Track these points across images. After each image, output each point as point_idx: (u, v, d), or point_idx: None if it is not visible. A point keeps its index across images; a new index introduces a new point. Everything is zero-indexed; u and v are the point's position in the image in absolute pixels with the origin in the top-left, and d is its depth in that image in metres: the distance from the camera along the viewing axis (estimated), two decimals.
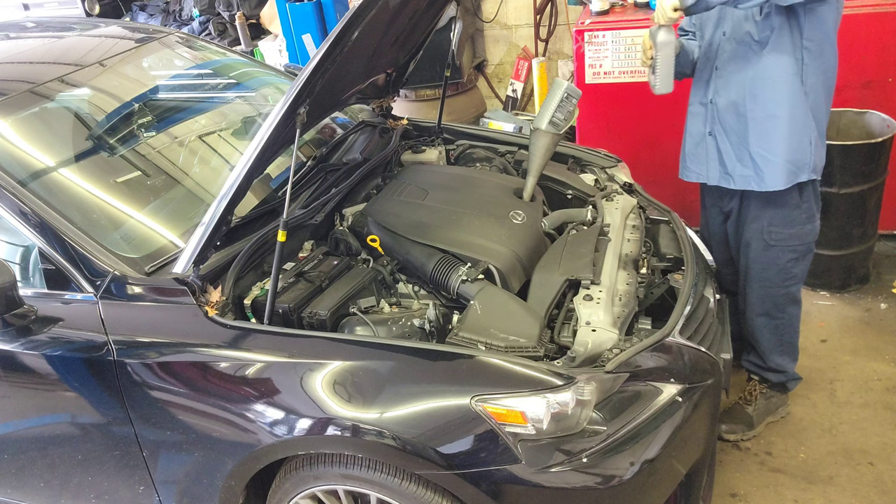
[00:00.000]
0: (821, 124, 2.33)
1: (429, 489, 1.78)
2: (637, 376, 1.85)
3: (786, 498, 2.47)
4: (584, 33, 3.57)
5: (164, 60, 2.85)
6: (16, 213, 1.98)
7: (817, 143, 2.33)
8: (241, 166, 1.80)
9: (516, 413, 1.69)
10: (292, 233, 2.20)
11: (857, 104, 3.32)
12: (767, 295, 2.54)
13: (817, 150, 2.33)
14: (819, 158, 2.35)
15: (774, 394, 2.72)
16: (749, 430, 2.69)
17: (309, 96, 1.91)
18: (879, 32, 3.23)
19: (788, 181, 2.33)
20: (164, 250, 2.04)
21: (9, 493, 2.30)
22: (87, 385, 1.98)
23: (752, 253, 2.51)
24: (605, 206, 2.50)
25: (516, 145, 2.98)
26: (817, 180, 2.40)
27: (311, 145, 2.73)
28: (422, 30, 2.76)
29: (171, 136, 2.51)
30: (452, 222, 2.32)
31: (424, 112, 4.90)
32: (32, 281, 2.04)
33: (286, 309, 1.96)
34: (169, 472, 2.01)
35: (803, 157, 2.31)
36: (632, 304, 2.08)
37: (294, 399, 1.78)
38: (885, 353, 3.02)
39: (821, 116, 2.32)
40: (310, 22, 5.10)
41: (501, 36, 5.31)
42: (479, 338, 1.87)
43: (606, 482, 1.75)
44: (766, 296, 2.54)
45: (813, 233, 2.48)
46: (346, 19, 1.82)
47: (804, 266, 2.53)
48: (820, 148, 2.35)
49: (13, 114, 2.23)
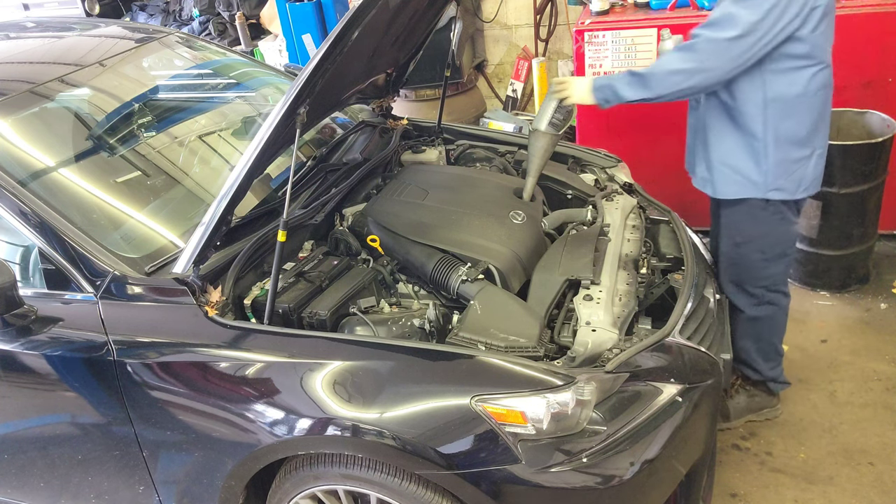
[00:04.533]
0: (791, 147, 2.26)
1: (429, 489, 1.78)
2: (637, 376, 1.85)
3: (786, 498, 2.46)
4: (584, 33, 3.57)
5: (164, 60, 2.85)
6: (16, 213, 1.98)
7: (778, 164, 2.28)
8: (241, 166, 1.80)
9: (516, 413, 1.69)
10: (292, 233, 2.20)
11: (857, 104, 3.32)
12: (741, 292, 2.54)
13: (777, 170, 2.28)
14: (782, 180, 2.29)
15: (758, 393, 2.72)
16: (725, 420, 2.69)
17: (309, 96, 1.91)
18: (879, 32, 3.23)
19: (737, 193, 2.36)
20: (164, 250, 2.04)
21: (9, 493, 2.30)
22: (87, 385, 1.98)
23: (723, 248, 2.52)
24: (605, 206, 2.50)
25: (516, 145, 2.98)
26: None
27: (311, 145, 2.73)
28: (422, 30, 2.76)
29: (171, 136, 2.51)
30: (452, 222, 2.32)
31: (424, 112, 4.90)
32: (32, 281, 2.04)
33: (286, 309, 1.96)
34: (169, 472, 2.01)
35: (753, 175, 2.31)
36: (632, 304, 2.08)
37: (294, 399, 1.78)
38: (885, 353, 3.02)
39: (794, 139, 2.26)
40: (310, 22, 5.10)
41: (501, 36, 5.31)
42: (479, 338, 1.87)
43: (606, 482, 1.75)
44: (740, 293, 2.54)
45: (787, 237, 2.43)
46: (346, 19, 1.82)
47: (779, 269, 2.48)
48: (782, 169, 2.28)
49: (13, 114, 2.23)
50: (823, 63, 2.21)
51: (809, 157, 2.30)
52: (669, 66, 2.18)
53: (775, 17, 2.07)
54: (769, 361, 2.65)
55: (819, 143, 2.32)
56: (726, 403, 2.70)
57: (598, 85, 2.30)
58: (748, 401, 2.72)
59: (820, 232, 3.27)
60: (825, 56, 2.21)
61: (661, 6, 3.58)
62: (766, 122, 2.24)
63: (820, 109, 2.27)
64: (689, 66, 2.15)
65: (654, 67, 2.21)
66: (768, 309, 2.54)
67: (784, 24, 2.09)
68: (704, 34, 2.14)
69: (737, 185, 2.36)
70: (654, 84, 2.20)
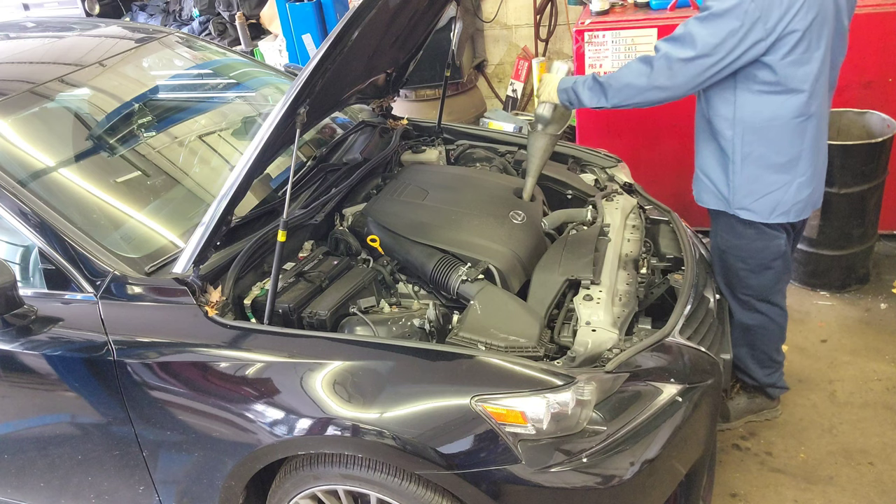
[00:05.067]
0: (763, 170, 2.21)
1: (429, 489, 1.78)
2: (637, 376, 1.85)
3: (786, 498, 2.47)
4: (584, 33, 3.57)
5: (164, 60, 2.85)
6: (16, 213, 1.98)
7: (746, 184, 2.24)
8: (241, 166, 1.80)
9: (516, 413, 1.69)
10: (292, 233, 2.20)
11: (857, 104, 3.32)
12: (732, 298, 2.52)
13: (744, 190, 2.24)
14: (749, 200, 2.25)
15: (758, 395, 2.72)
16: (724, 421, 2.69)
17: (309, 96, 1.91)
18: (879, 32, 3.23)
19: (711, 204, 2.37)
20: (164, 250, 2.04)
21: (9, 493, 2.30)
22: (87, 385, 1.98)
23: (713, 253, 2.53)
24: (605, 206, 2.50)
25: (516, 145, 2.98)
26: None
27: (311, 145, 2.73)
28: (422, 30, 2.76)
29: (171, 136, 2.51)
30: (452, 222, 2.32)
31: (424, 112, 4.90)
32: (32, 281, 2.04)
33: (286, 309, 1.96)
34: (169, 472, 2.01)
35: (723, 189, 2.31)
36: (632, 304, 2.08)
37: (294, 399, 1.78)
38: (885, 353, 3.02)
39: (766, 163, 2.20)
40: (310, 22, 5.10)
41: (501, 36, 5.31)
42: (479, 338, 1.87)
43: (606, 482, 1.75)
44: (732, 298, 2.53)
45: (767, 251, 2.35)
46: (346, 19, 1.82)
47: (763, 281, 2.41)
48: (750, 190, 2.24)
49: (13, 114, 2.23)
50: (800, 91, 2.10)
51: (789, 185, 2.23)
52: (625, 79, 2.16)
53: (735, 42, 2.02)
54: (765, 369, 2.63)
55: (803, 171, 2.23)
56: (726, 404, 2.70)
57: (563, 86, 2.30)
58: (748, 401, 2.72)
59: (820, 232, 3.27)
60: (802, 84, 2.09)
61: (661, 6, 3.58)
62: (734, 140, 2.21)
63: (804, 138, 2.18)
64: (643, 82, 2.13)
65: (611, 77, 2.19)
66: (759, 318, 2.51)
67: (744, 48, 2.03)
68: (663, 49, 2.11)
69: (711, 195, 2.36)
70: (610, 94, 2.19)
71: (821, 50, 2.09)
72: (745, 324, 2.54)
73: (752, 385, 2.69)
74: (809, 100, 2.13)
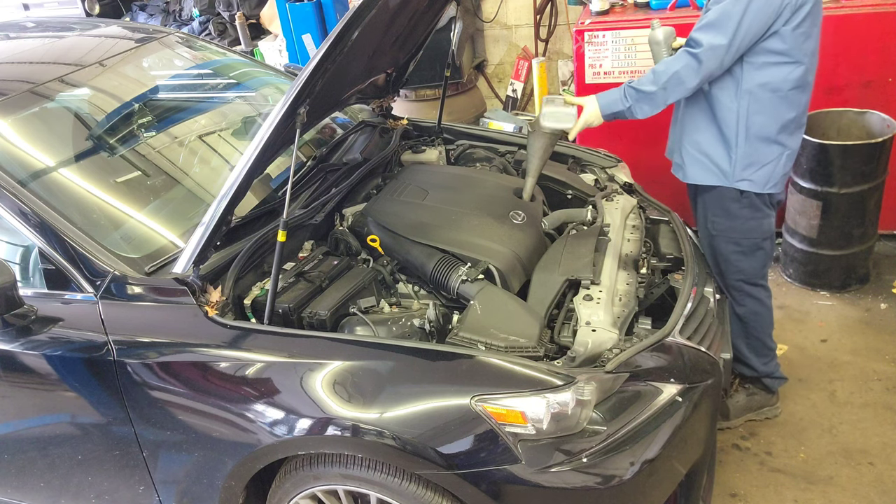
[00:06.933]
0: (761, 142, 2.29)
1: (429, 489, 1.78)
2: (637, 376, 1.85)
3: (786, 498, 2.47)
4: (584, 33, 3.57)
5: (164, 60, 2.85)
6: (16, 213, 1.98)
7: (747, 156, 2.31)
8: (241, 166, 1.80)
9: (516, 413, 1.69)
10: (292, 233, 2.20)
11: (857, 104, 3.32)
12: (725, 285, 2.57)
13: (745, 161, 2.31)
14: (749, 171, 2.33)
15: (757, 391, 2.73)
16: (724, 420, 2.70)
17: (309, 96, 1.91)
18: (879, 32, 3.23)
19: (706, 180, 2.40)
20: (164, 250, 2.04)
21: (9, 493, 2.30)
22: (87, 385, 1.98)
23: (702, 240, 2.56)
24: (605, 206, 2.50)
25: (516, 145, 2.98)
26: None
27: (311, 145, 2.73)
28: (422, 30, 2.76)
29: (171, 136, 2.51)
30: (452, 222, 2.32)
31: (424, 112, 4.90)
32: (32, 281, 2.04)
33: (286, 309, 1.96)
34: (169, 472, 2.01)
35: (723, 163, 2.35)
36: (632, 304, 2.08)
37: (294, 399, 1.78)
38: (885, 353, 3.02)
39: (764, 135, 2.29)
40: (310, 22, 5.10)
41: (501, 36, 5.31)
42: (479, 338, 1.87)
43: (606, 482, 1.75)
44: (725, 285, 2.57)
45: (760, 230, 2.45)
46: (346, 19, 1.82)
47: (755, 263, 2.50)
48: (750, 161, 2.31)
49: (13, 114, 2.23)
50: (801, 62, 2.22)
51: (780, 156, 2.33)
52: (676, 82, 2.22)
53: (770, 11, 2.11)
54: (761, 357, 2.67)
55: (791, 143, 2.34)
56: (726, 402, 2.70)
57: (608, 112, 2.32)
58: (747, 399, 2.72)
59: (820, 232, 3.27)
60: (804, 57, 2.22)
61: (661, 6, 3.58)
62: (738, 113, 2.28)
63: (794, 109, 2.29)
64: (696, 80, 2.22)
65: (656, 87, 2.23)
66: (751, 304, 2.56)
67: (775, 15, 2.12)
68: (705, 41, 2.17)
69: (707, 171, 2.40)
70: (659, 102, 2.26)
71: (817, 27, 2.24)
72: (739, 315, 2.58)
73: (750, 377, 2.71)
74: (806, 72, 2.25)
